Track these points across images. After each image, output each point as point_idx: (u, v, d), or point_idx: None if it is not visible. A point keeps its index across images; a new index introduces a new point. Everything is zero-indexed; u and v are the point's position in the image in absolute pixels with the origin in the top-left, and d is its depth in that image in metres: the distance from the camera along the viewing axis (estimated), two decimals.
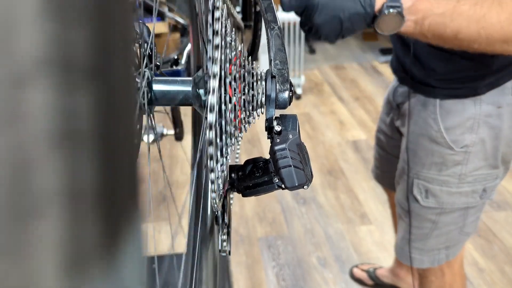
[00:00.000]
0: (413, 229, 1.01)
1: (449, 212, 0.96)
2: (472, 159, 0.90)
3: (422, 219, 0.99)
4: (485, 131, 0.88)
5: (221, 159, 0.38)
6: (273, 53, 0.42)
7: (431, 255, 1.03)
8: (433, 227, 0.99)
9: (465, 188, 0.93)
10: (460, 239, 1.02)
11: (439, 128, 0.90)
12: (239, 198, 1.98)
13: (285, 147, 0.40)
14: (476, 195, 0.95)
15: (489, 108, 0.87)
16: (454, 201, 0.95)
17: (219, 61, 0.35)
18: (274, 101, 0.41)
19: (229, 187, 0.46)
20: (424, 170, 0.95)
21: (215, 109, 0.34)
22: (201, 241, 0.59)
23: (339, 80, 3.24)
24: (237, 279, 1.60)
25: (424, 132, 0.93)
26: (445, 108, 0.90)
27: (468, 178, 0.92)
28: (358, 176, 2.14)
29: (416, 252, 1.03)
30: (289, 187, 0.40)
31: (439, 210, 0.96)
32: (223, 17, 0.37)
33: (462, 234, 1.01)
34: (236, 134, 0.41)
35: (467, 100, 0.88)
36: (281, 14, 2.96)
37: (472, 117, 0.88)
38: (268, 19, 0.44)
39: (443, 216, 0.97)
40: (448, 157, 0.91)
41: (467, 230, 1.00)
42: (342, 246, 1.73)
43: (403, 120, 1.00)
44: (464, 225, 0.99)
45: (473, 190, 0.94)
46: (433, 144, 0.92)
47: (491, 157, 0.91)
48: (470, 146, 0.89)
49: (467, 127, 0.88)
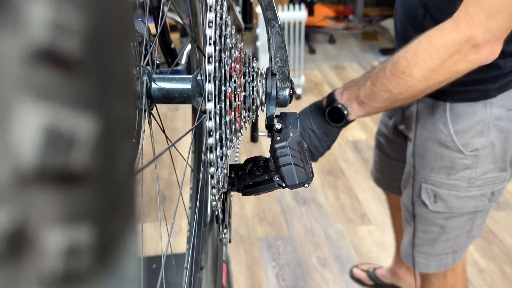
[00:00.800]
0: (420, 233, 1.00)
1: (458, 216, 0.95)
2: (482, 163, 0.89)
3: (429, 223, 0.98)
4: (494, 134, 0.87)
5: (220, 163, 0.37)
6: (273, 51, 0.42)
7: (438, 259, 1.02)
8: (441, 232, 0.97)
9: (474, 192, 0.92)
10: (467, 243, 1.01)
11: (449, 132, 0.89)
12: (239, 198, 1.97)
13: (285, 145, 0.39)
14: (485, 199, 0.94)
15: (500, 111, 0.86)
16: (463, 205, 0.93)
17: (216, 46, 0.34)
18: (275, 98, 0.40)
19: (229, 187, 0.46)
20: (432, 174, 0.94)
21: (214, 111, 0.34)
22: (201, 241, 0.59)
23: (339, 80, 3.23)
24: (237, 279, 1.60)
25: (433, 136, 0.92)
26: (455, 111, 0.88)
27: (477, 181, 0.91)
28: (358, 176, 2.13)
29: (422, 257, 1.02)
30: (290, 185, 0.40)
31: (447, 215, 0.95)
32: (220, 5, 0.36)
33: (469, 237, 1.00)
34: (237, 132, 0.40)
35: (477, 103, 0.86)
36: (281, 14, 2.93)
37: (483, 121, 0.86)
38: (269, 17, 0.44)
39: (451, 220, 0.96)
40: (458, 161, 0.90)
41: (474, 233, 0.99)
42: (342, 246, 1.72)
43: (409, 124, 0.99)
44: (472, 229, 0.98)
45: (482, 193, 0.93)
46: (442, 148, 0.91)
47: (500, 160, 0.90)
48: (480, 150, 0.88)
49: (477, 131, 0.87)
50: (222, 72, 0.35)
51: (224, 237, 0.55)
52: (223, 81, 0.36)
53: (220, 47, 0.35)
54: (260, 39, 2.80)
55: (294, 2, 3.20)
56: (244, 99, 0.39)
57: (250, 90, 0.40)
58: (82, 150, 0.11)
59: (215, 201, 0.39)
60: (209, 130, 0.34)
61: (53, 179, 0.11)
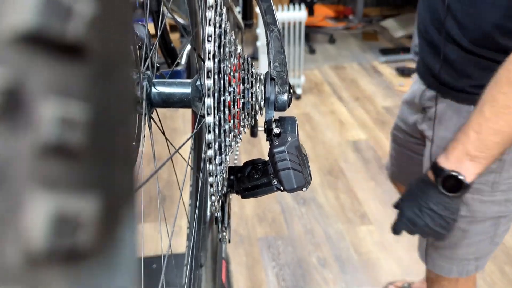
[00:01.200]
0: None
1: (481, 221, 0.93)
2: (507, 168, 0.87)
3: None
4: None
5: (219, 168, 0.38)
6: (272, 55, 0.42)
7: (461, 265, 0.99)
8: (463, 236, 0.95)
9: (498, 197, 0.90)
10: (490, 250, 0.99)
11: None
12: (239, 198, 1.96)
13: (284, 149, 0.40)
14: (510, 204, 0.92)
15: None
16: (486, 210, 0.91)
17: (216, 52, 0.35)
18: (273, 103, 0.41)
19: (228, 189, 0.47)
20: None
21: (213, 113, 0.35)
22: (201, 239, 0.60)
23: (339, 80, 3.24)
24: (237, 279, 1.60)
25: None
26: None
27: (502, 186, 0.89)
28: (358, 176, 2.14)
29: (445, 261, 1.01)
30: (288, 190, 0.40)
31: (470, 219, 0.93)
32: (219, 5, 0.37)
33: (493, 244, 0.97)
34: (236, 135, 0.41)
35: None
36: (281, 14, 2.92)
37: None
38: (268, 21, 0.44)
39: (474, 225, 0.93)
40: None
41: (497, 240, 0.97)
42: (342, 246, 1.73)
43: (430, 124, 0.97)
44: (495, 235, 0.96)
45: (506, 198, 0.91)
46: None
47: None
48: (504, 154, 0.86)
49: None
50: (221, 83, 0.36)
51: (223, 237, 0.55)
52: (222, 91, 0.36)
53: (219, 58, 0.35)
54: (260, 39, 2.80)
55: (294, 2, 3.21)
56: (243, 105, 0.39)
57: (249, 96, 0.40)
58: (87, 228, 0.12)
59: (215, 206, 0.40)
60: (209, 143, 0.34)
61: (60, 260, 0.11)
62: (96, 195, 0.12)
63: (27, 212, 0.11)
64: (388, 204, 1.95)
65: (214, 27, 0.35)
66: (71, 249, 0.12)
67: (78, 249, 0.12)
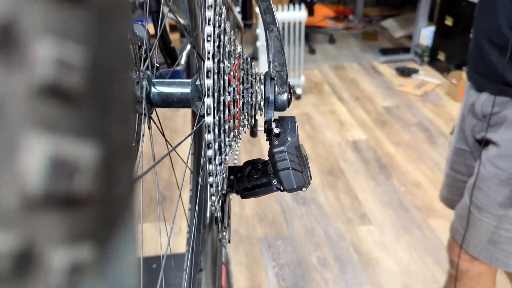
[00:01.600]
0: (504, 232, 1.01)
1: None
2: None
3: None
4: None
5: (219, 168, 0.38)
6: (272, 55, 0.42)
7: None
8: None
9: None
10: None
11: None
12: (239, 198, 1.96)
13: (283, 149, 0.40)
14: None
15: None
16: None
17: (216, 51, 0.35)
18: (273, 103, 0.41)
19: (228, 189, 0.47)
20: None
21: (213, 113, 0.35)
22: (201, 243, 0.60)
23: (339, 80, 3.24)
24: (237, 279, 1.60)
25: None
26: None
27: None
28: (358, 176, 2.14)
29: (503, 254, 1.04)
30: (288, 190, 0.40)
31: None
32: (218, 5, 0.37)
33: None
34: (235, 135, 0.41)
35: None
36: (281, 14, 2.92)
37: None
38: (267, 21, 0.44)
39: None
40: None
41: None
42: (342, 246, 1.73)
43: (496, 128, 0.99)
44: None
45: None
46: None
47: None
48: None
49: None
50: (221, 83, 0.36)
51: (223, 238, 0.55)
52: (221, 91, 0.36)
53: (219, 57, 0.35)
54: (260, 39, 2.80)
55: (294, 2, 3.21)
56: (242, 105, 0.39)
57: (248, 96, 0.40)
58: (84, 175, 0.12)
59: (214, 206, 0.40)
60: (208, 143, 0.34)
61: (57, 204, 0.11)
62: (94, 143, 0.12)
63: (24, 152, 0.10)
64: (388, 204, 1.95)
65: (213, 27, 0.35)
66: (67, 194, 0.11)
67: (74, 195, 0.12)
